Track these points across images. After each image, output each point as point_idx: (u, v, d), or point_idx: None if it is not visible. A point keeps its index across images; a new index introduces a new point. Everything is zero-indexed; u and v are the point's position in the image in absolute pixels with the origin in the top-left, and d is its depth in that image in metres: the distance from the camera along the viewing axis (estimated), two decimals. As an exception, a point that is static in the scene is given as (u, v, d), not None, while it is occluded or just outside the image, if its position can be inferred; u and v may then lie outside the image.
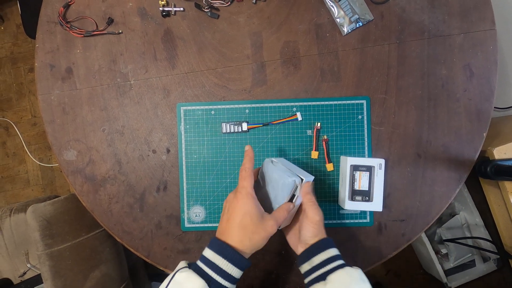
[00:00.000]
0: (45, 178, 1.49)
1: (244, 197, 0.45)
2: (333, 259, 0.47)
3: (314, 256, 0.48)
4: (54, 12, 0.65)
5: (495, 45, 0.63)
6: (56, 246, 0.78)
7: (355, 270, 0.46)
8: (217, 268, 0.42)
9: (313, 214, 0.50)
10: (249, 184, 0.46)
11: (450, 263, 1.15)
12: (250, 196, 0.45)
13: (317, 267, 0.47)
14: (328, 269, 0.46)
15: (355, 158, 0.60)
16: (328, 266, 0.47)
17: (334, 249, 0.49)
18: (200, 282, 0.41)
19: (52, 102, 0.65)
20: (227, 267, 0.43)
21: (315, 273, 0.47)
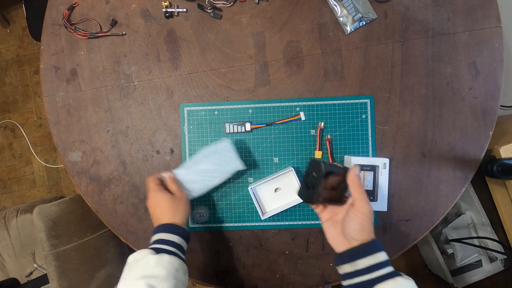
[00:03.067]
0: (50, 179, 1.50)
1: (155, 192, 0.55)
2: (382, 265, 0.42)
3: (359, 259, 0.43)
4: (58, 14, 0.66)
5: (500, 42, 0.62)
6: (62, 246, 0.78)
7: (407, 281, 0.41)
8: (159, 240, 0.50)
9: (362, 204, 0.44)
10: (152, 181, 0.56)
11: (456, 263, 1.14)
12: (158, 189, 0.55)
13: (361, 272, 0.42)
14: (375, 276, 0.41)
15: (359, 158, 0.59)
16: (375, 273, 0.42)
17: (383, 253, 0.43)
18: (147, 250, 0.48)
19: (57, 104, 0.66)
20: (165, 236, 0.51)
21: (359, 278, 0.43)
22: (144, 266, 0.46)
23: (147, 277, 0.45)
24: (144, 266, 0.46)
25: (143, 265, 0.46)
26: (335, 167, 0.47)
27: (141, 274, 0.45)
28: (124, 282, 0.46)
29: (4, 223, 0.92)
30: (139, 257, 0.47)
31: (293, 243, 0.64)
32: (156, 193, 0.55)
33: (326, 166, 0.46)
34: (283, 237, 0.64)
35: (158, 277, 0.45)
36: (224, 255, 0.64)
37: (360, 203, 0.45)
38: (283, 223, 0.64)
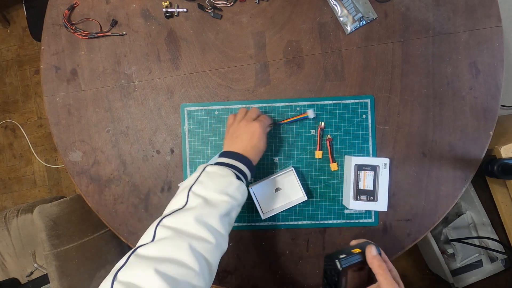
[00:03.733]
0: (51, 179, 1.50)
1: (264, 129, 0.55)
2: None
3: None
4: (59, 14, 0.66)
5: (501, 42, 0.62)
6: (63, 246, 0.78)
7: None
8: (236, 167, 0.51)
9: (387, 285, 0.41)
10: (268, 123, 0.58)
11: (457, 263, 1.14)
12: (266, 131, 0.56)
13: None
14: None
15: (359, 158, 0.59)
16: None
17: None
18: (231, 171, 0.49)
19: (58, 104, 0.66)
20: (243, 167, 0.51)
21: None
22: (227, 184, 0.47)
23: (228, 195, 0.46)
24: (227, 184, 0.47)
25: (226, 183, 0.47)
26: (351, 258, 0.43)
27: (222, 190, 0.46)
28: (202, 186, 0.46)
29: (5, 223, 0.92)
30: (222, 172, 0.48)
31: (293, 243, 0.64)
32: (264, 130, 0.55)
33: (341, 263, 0.42)
34: (284, 237, 0.64)
35: (237, 200, 0.47)
36: (224, 255, 0.64)
37: (384, 285, 0.42)
38: (283, 223, 0.64)
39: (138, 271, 0.36)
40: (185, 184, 0.48)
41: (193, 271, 0.38)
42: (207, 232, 0.42)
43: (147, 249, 0.39)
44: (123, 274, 0.36)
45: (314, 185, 0.64)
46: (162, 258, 0.37)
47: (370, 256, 0.43)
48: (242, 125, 0.55)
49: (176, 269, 0.37)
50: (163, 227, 0.42)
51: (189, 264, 0.38)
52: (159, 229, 0.41)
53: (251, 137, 0.54)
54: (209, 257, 0.41)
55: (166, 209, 0.46)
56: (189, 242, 0.40)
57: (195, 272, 0.38)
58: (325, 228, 0.64)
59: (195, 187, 0.46)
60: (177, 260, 0.38)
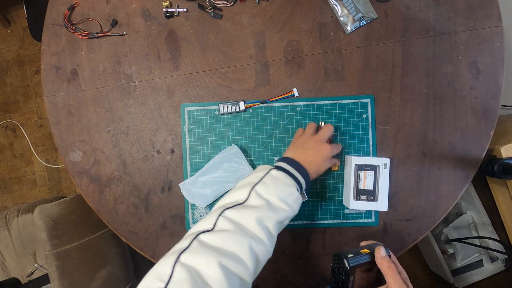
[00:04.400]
0: (51, 179, 1.50)
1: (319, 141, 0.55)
2: None
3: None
4: (59, 14, 0.66)
5: (501, 42, 0.62)
6: (63, 246, 0.78)
7: None
8: (296, 179, 0.50)
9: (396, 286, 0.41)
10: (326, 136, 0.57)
11: (457, 263, 1.14)
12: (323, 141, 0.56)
13: None
14: None
15: (359, 158, 0.59)
16: None
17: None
18: (294, 182, 0.49)
19: (58, 104, 0.66)
20: (302, 181, 0.51)
21: None
22: (289, 193, 0.48)
23: (288, 204, 0.47)
24: (289, 194, 0.48)
25: (288, 192, 0.48)
26: (359, 258, 0.44)
27: (284, 198, 0.47)
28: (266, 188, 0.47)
29: (5, 223, 0.92)
30: (286, 181, 0.49)
31: (293, 242, 0.64)
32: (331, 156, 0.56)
33: (349, 261, 0.43)
34: (284, 237, 0.64)
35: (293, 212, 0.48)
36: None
37: (393, 286, 0.42)
38: (283, 223, 0.64)
39: (201, 259, 0.37)
40: (247, 181, 0.49)
41: (247, 269, 0.40)
42: (265, 235, 0.43)
43: (210, 237, 0.40)
44: (186, 258, 0.37)
45: (314, 185, 0.64)
46: (225, 251, 0.39)
47: (379, 256, 0.43)
48: (313, 140, 0.55)
49: (236, 265, 0.39)
50: (225, 219, 0.43)
51: (246, 262, 0.40)
52: (221, 219, 0.43)
53: (318, 156, 0.54)
54: (261, 258, 0.43)
55: (225, 198, 0.48)
56: (250, 241, 0.41)
57: (249, 270, 0.40)
58: (325, 228, 0.64)
59: (258, 187, 0.47)
60: (238, 257, 0.40)
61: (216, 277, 0.36)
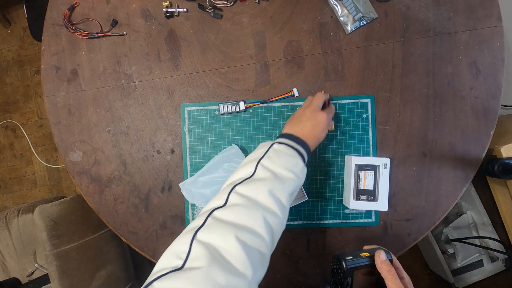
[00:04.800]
0: (51, 179, 1.50)
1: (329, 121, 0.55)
2: None
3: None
4: (59, 14, 0.66)
5: (502, 42, 0.62)
6: (63, 246, 0.78)
7: None
8: (298, 150, 0.50)
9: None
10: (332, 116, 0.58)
11: (457, 263, 1.14)
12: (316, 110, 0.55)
13: None
14: None
15: (359, 158, 0.59)
16: None
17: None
18: (297, 153, 0.49)
19: (58, 104, 0.66)
20: (303, 152, 0.51)
21: None
22: (294, 164, 0.48)
23: (295, 174, 0.47)
24: (294, 164, 0.48)
25: (294, 162, 0.48)
26: (358, 260, 0.44)
27: (290, 168, 0.47)
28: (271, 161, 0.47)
29: (5, 223, 0.92)
30: (290, 152, 0.49)
31: (293, 243, 0.64)
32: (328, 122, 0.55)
33: (347, 263, 0.43)
34: (284, 237, 0.64)
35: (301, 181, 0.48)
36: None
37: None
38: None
39: (218, 235, 0.37)
40: (252, 157, 0.49)
41: (264, 241, 0.40)
42: (277, 207, 0.43)
43: (224, 213, 0.40)
44: (202, 235, 0.37)
45: (314, 185, 0.64)
46: (240, 225, 0.39)
47: (379, 260, 0.43)
48: (308, 111, 0.55)
49: (252, 238, 0.39)
50: (236, 194, 0.43)
51: (262, 234, 0.40)
52: (232, 195, 0.43)
53: (315, 126, 0.54)
54: (276, 230, 0.43)
55: (232, 176, 0.47)
56: (263, 214, 0.41)
57: (266, 242, 0.40)
58: (325, 228, 0.64)
59: (264, 161, 0.47)
60: (253, 230, 0.40)
61: (234, 252, 0.36)
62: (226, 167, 0.62)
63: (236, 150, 0.62)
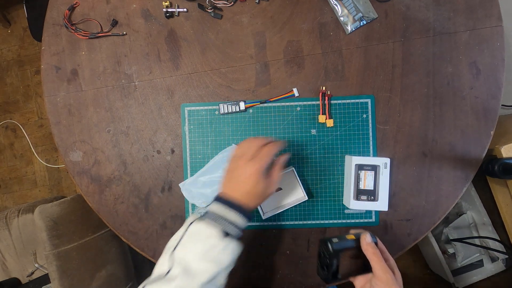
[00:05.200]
0: (51, 179, 1.51)
1: (259, 170, 0.48)
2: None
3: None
4: (59, 14, 0.66)
5: (502, 41, 0.62)
6: (63, 246, 0.78)
7: None
8: (227, 219, 0.46)
9: (380, 273, 0.42)
10: (267, 161, 0.49)
11: (458, 263, 1.14)
12: (263, 171, 0.48)
13: None
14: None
15: (360, 157, 0.59)
16: None
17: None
18: (215, 230, 0.44)
19: (58, 104, 0.66)
20: (235, 218, 0.46)
21: None
22: (211, 247, 0.43)
23: (211, 261, 0.43)
24: (210, 247, 0.43)
25: (210, 246, 0.43)
26: (344, 242, 0.45)
27: (205, 255, 0.43)
28: (184, 250, 0.44)
29: (6, 223, 0.93)
30: (206, 232, 0.44)
31: (293, 243, 0.64)
32: (262, 172, 0.48)
33: (333, 245, 0.44)
34: (284, 237, 0.64)
35: (222, 264, 0.44)
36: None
37: (378, 272, 0.43)
38: (283, 223, 0.64)
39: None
40: (170, 244, 0.45)
41: None
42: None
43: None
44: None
45: (314, 185, 0.64)
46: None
47: (364, 242, 0.44)
48: (241, 164, 0.48)
49: None
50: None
51: None
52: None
53: (247, 181, 0.47)
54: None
55: (155, 268, 0.45)
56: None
57: None
58: (325, 228, 0.64)
59: (178, 251, 0.44)
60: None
61: None
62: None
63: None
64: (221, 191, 0.49)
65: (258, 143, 0.50)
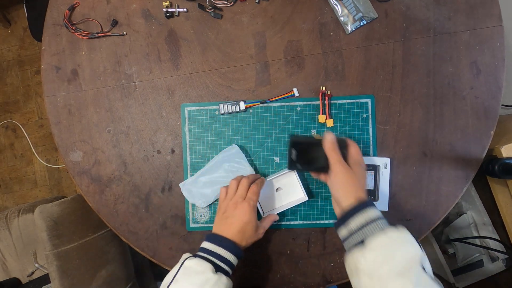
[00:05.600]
0: (52, 179, 1.51)
1: (252, 209, 0.52)
2: (372, 221, 0.43)
3: (351, 220, 0.44)
4: (59, 14, 0.66)
5: (502, 41, 0.62)
6: (63, 246, 0.78)
7: (398, 231, 0.41)
8: (218, 255, 0.49)
9: (336, 167, 0.47)
10: (257, 199, 0.53)
11: (458, 263, 1.14)
12: (255, 209, 0.52)
13: (355, 231, 0.44)
14: (366, 233, 0.42)
15: (360, 157, 0.59)
16: (366, 229, 0.42)
17: (372, 210, 0.44)
18: (208, 265, 0.47)
19: (58, 104, 0.66)
20: (227, 255, 0.49)
21: (353, 239, 0.44)
22: (203, 282, 0.45)
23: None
24: (203, 282, 0.45)
25: (202, 281, 0.45)
26: (305, 138, 0.54)
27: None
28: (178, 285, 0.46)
29: (6, 223, 0.93)
30: (199, 269, 0.46)
31: (294, 242, 0.64)
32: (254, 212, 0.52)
33: (292, 138, 0.53)
34: (284, 237, 0.64)
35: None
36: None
37: (334, 166, 0.47)
38: (284, 222, 0.64)
39: None
40: (165, 281, 0.47)
41: None
42: None
43: None
44: None
45: (314, 185, 0.64)
46: None
47: (326, 139, 0.50)
48: (231, 205, 0.52)
49: None
50: None
51: None
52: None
53: (238, 221, 0.50)
54: None
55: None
56: None
57: None
58: (325, 228, 0.64)
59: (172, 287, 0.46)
60: None
61: None
62: (226, 167, 0.62)
63: (236, 150, 0.62)
64: (213, 231, 0.52)
65: (246, 184, 0.54)
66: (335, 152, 0.49)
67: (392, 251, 0.40)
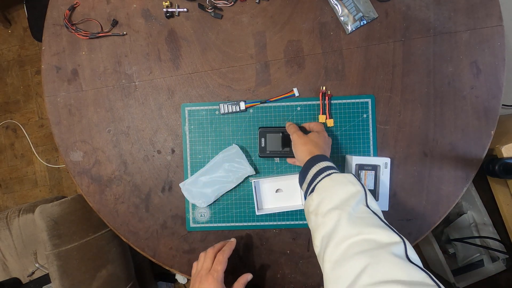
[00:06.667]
0: (52, 179, 1.51)
1: (216, 281, 0.51)
2: (324, 170, 0.48)
3: (305, 172, 0.50)
4: (60, 15, 0.66)
5: (502, 41, 0.62)
6: (64, 246, 0.78)
7: (341, 175, 0.46)
8: None
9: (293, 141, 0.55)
10: (222, 269, 0.52)
11: (458, 263, 1.14)
12: (220, 280, 0.51)
13: (310, 183, 0.48)
14: (317, 180, 0.47)
15: (360, 157, 0.59)
16: (317, 178, 0.47)
17: (324, 162, 0.49)
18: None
19: (59, 104, 0.66)
20: None
21: (309, 188, 0.49)
22: None
23: None
24: None
25: None
26: (271, 128, 0.62)
27: None
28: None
29: (6, 223, 0.93)
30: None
31: (294, 242, 0.64)
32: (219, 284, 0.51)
33: (260, 129, 0.62)
34: (284, 237, 0.64)
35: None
36: (225, 254, 0.64)
37: (292, 137, 0.55)
38: (284, 222, 0.64)
39: None
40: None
41: None
42: None
43: None
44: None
45: (314, 185, 0.63)
46: None
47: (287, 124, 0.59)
48: (197, 280, 0.52)
49: None
50: None
51: None
52: None
53: None
54: None
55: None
56: None
57: None
58: (326, 228, 0.64)
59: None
60: None
61: None
62: (226, 167, 0.62)
63: (236, 150, 0.62)
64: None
65: (211, 255, 0.54)
66: (292, 126, 0.58)
67: (334, 190, 0.44)
